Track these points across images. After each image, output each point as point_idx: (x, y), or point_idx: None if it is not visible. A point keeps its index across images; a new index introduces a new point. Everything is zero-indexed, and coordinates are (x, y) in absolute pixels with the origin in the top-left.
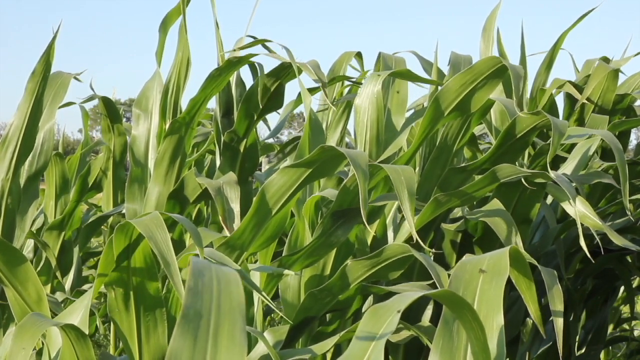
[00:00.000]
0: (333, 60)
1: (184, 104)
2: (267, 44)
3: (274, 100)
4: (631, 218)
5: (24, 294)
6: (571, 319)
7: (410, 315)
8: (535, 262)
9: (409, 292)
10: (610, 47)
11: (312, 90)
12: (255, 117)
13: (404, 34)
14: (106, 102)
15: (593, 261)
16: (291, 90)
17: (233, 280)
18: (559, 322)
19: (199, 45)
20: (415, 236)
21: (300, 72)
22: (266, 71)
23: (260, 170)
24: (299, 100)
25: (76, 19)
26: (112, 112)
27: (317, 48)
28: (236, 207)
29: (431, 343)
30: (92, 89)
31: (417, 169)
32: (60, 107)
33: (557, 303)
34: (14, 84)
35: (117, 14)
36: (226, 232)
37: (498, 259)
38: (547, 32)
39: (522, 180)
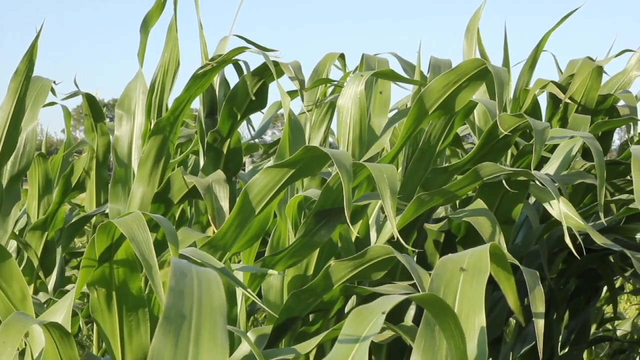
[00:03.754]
0: (317, 61)
1: (170, 104)
2: (247, 46)
3: (258, 99)
4: (604, 222)
5: (9, 292)
6: (554, 318)
7: (393, 315)
8: (518, 263)
9: (393, 295)
10: (595, 48)
11: (295, 92)
12: (239, 117)
13: (388, 36)
14: (89, 99)
15: (579, 258)
16: (277, 90)
17: (214, 281)
18: (539, 324)
19: (181, 45)
20: (397, 235)
21: (279, 75)
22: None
23: (244, 170)
24: None
25: (57, 19)
26: (95, 110)
27: (302, 49)
28: (225, 205)
29: (414, 343)
30: (76, 85)
31: (400, 169)
32: (43, 107)
33: (538, 304)
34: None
35: (97, 15)
36: (210, 232)
37: (479, 256)
38: (532, 32)
39: (504, 183)
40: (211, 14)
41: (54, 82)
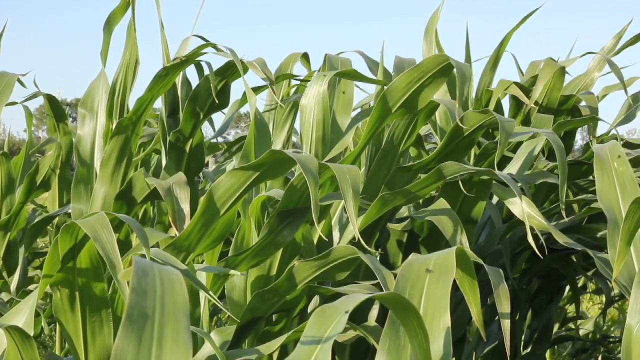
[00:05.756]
0: (280, 62)
1: (130, 104)
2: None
3: (220, 99)
4: (566, 220)
5: None
6: (517, 318)
7: (357, 315)
8: (482, 262)
9: (356, 294)
10: (557, 48)
11: (257, 90)
12: (201, 117)
13: (351, 37)
14: (51, 100)
15: (542, 257)
16: (237, 89)
17: (176, 280)
18: (505, 323)
19: (143, 45)
20: (358, 236)
21: (245, 71)
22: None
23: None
24: (244, 99)
25: (17, 18)
26: (57, 111)
27: (265, 51)
28: (186, 207)
29: (377, 343)
30: (37, 85)
31: (363, 168)
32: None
33: (503, 303)
34: None
35: (61, 14)
36: (172, 232)
37: (445, 258)
38: (495, 33)
39: (460, 185)
40: (174, 14)
41: (21, 75)
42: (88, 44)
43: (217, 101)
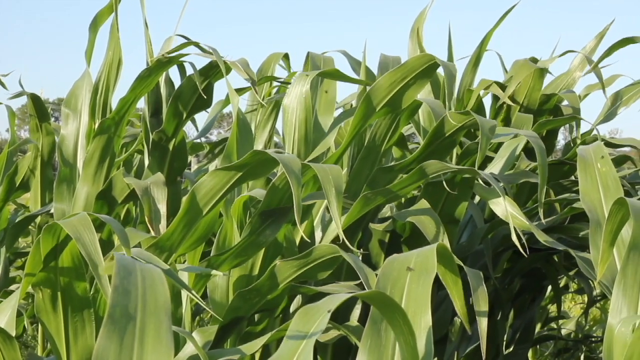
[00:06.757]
0: (261, 62)
1: (113, 103)
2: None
3: (203, 99)
4: (543, 222)
5: None
6: (499, 317)
7: (339, 314)
8: (461, 263)
9: (339, 293)
10: (544, 47)
11: (240, 90)
12: (184, 117)
13: (334, 36)
14: (34, 99)
15: (524, 257)
16: (220, 90)
17: (158, 278)
18: (482, 323)
19: (127, 45)
20: (342, 235)
21: (228, 72)
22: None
23: (189, 170)
24: (227, 100)
25: (3, 16)
26: (40, 110)
27: (248, 51)
28: (162, 207)
29: (359, 342)
30: (21, 85)
31: (345, 169)
32: None
33: (481, 304)
34: None
35: (45, 13)
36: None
37: (425, 256)
38: (478, 32)
39: (444, 184)
40: (158, 15)
41: (2, 75)
42: (71, 44)
43: (204, 96)
